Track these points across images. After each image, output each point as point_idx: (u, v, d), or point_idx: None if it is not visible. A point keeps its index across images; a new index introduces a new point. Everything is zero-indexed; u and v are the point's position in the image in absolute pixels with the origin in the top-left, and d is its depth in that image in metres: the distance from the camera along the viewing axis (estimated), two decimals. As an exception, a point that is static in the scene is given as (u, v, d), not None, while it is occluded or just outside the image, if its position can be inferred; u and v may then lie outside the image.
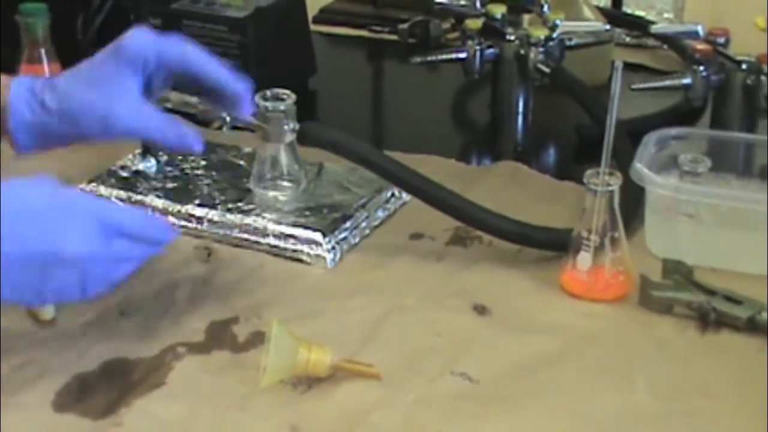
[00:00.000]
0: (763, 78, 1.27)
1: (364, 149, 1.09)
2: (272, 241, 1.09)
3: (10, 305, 0.90)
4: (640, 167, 1.06)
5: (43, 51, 1.29)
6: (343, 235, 1.10)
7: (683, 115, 1.34)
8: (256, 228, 1.10)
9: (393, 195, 1.16)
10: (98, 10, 1.38)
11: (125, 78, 0.97)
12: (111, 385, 0.91)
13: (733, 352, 0.95)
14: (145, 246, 0.92)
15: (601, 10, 1.55)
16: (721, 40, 1.33)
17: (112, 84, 0.97)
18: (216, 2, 1.41)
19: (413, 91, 1.51)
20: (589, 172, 1.01)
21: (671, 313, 0.99)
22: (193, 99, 1.13)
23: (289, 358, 0.89)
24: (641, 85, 1.33)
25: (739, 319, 0.96)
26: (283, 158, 1.12)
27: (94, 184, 1.17)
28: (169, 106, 1.15)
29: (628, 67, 1.02)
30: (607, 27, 1.42)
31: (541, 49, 1.36)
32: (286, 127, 1.09)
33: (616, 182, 1.00)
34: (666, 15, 1.68)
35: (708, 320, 0.97)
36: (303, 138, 1.10)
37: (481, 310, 1.01)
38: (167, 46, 0.98)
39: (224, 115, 1.11)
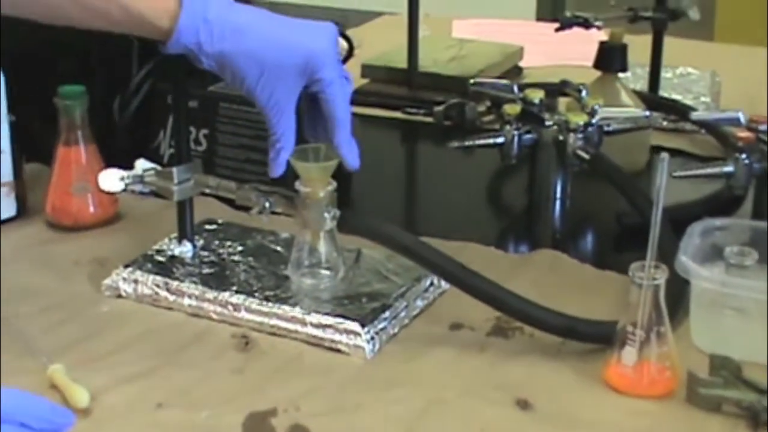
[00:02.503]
0: (806, 166, 1.26)
1: (404, 238, 1.08)
2: (310, 330, 1.08)
3: None
4: (685, 260, 1.04)
5: (80, 133, 1.28)
6: (382, 325, 1.08)
7: (724, 202, 1.33)
8: (293, 317, 1.08)
9: (432, 284, 1.15)
10: (135, 92, 1.38)
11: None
12: (147, 481, 0.89)
13: (786, 453, 0.93)
14: None
15: (638, 94, 1.54)
16: (763, 127, 1.31)
17: None
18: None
19: (449, 175, 1.51)
20: (634, 265, 0.99)
21: (720, 411, 0.97)
22: (232, 184, 1.13)
23: None
24: (683, 173, 1.31)
25: (791, 420, 0.94)
26: (322, 246, 1.11)
27: (130, 269, 1.16)
28: (208, 191, 1.15)
29: (666, 152, 1.01)
30: (647, 113, 1.40)
31: (580, 135, 1.34)
32: (326, 214, 1.08)
33: (661, 276, 0.99)
34: (703, 99, 1.67)
35: (759, 420, 0.95)
36: (342, 226, 1.09)
37: (523, 404, 0.99)
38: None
39: (263, 200, 1.10)
